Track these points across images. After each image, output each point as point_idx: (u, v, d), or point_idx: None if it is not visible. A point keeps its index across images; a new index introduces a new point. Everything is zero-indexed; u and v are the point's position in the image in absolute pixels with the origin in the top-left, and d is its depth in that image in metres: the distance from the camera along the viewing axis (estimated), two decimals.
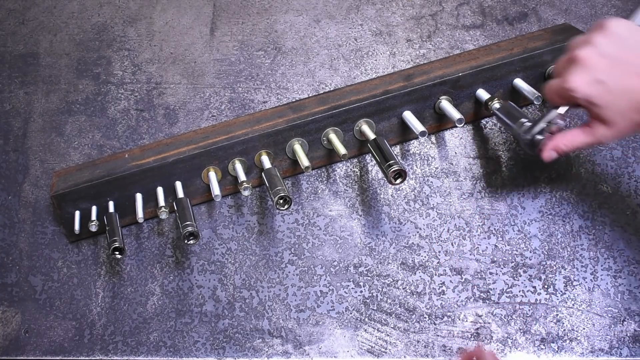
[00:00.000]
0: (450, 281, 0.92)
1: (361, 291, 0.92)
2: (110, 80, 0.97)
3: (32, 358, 0.92)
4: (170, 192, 0.89)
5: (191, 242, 0.83)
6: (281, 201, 0.81)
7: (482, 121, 0.95)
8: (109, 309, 0.93)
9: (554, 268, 0.92)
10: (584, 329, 0.91)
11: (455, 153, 0.94)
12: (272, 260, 0.93)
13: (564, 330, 0.91)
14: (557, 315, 0.91)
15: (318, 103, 0.90)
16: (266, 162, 0.88)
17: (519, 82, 0.90)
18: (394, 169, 0.80)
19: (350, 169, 0.94)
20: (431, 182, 0.93)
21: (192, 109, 0.96)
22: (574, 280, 0.91)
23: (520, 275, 0.92)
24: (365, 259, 0.92)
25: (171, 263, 0.93)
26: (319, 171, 0.94)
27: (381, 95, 0.88)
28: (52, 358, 0.92)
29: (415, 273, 0.92)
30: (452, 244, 0.92)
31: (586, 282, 0.91)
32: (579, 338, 0.90)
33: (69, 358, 0.92)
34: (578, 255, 0.92)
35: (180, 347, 0.92)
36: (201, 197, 0.91)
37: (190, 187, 0.90)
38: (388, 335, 0.91)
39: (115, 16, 0.99)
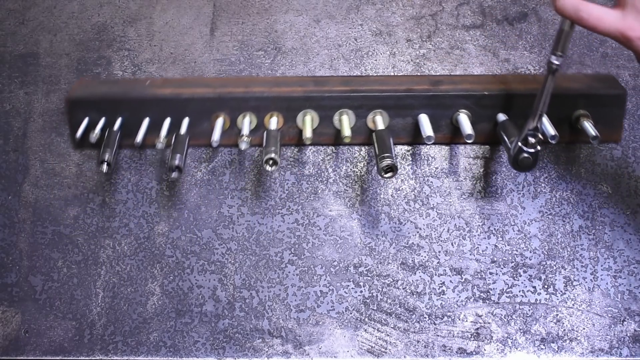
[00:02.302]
0: (450, 281, 0.92)
1: (361, 291, 0.92)
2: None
3: (32, 358, 0.92)
4: (177, 127, 0.90)
5: (174, 175, 0.83)
6: (270, 162, 0.82)
7: None
8: (109, 309, 0.93)
9: (554, 268, 0.92)
10: (584, 329, 0.91)
11: (455, 153, 0.94)
12: (272, 260, 0.93)
13: (564, 330, 0.91)
14: (557, 315, 0.91)
15: (341, 83, 0.92)
16: (273, 125, 0.89)
17: (543, 120, 0.85)
18: (385, 162, 0.81)
19: (350, 169, 0.94)
20: (431, 182, 0.93)
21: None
22: (574, 280, 0.91)
23: (520, 275, 0.92)
24: (365, 259, 0.92)
25: (171, 263, 0.93)
26: (319, 171, 0.94)
27: (403, 92, 0.89)
28: (52, 358, 0.92)
29: (415, 273, 0.92)
30: (452, 244, 0.92)
31: (586, 282, 0.91)
32: (579, 338, 0.90)
33: (69, 358, 0.92)
34: (578, 255, 0.92)
35: (180, 347, 0.92)
36: (204, 140, 0.91)
37: (196, 128, 0.91)
38: (388, 335, 0.91)
39: (115, 16, 0.99)
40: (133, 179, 0.94)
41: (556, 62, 0.77)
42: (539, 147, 0.80)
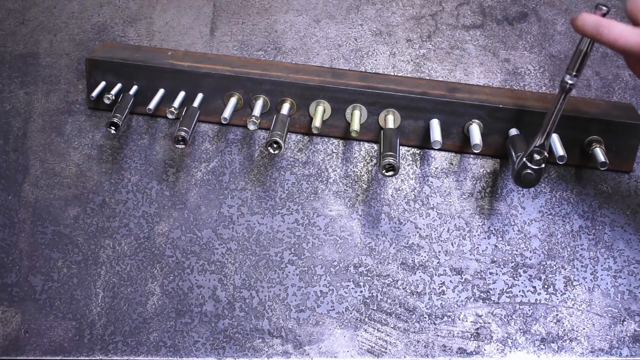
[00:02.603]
0: (450, 281, 0.92)
1: (361, 291, 0.92)
2: None
3: (32, 358, 0.92)
4: (190, 100, 0.91)
5: (180, 146, 0.84)
6: (274, 145, 0.83)
7: None
8: (109, 309, 0.93)
9: (554, 268, 0.92)
10: (584, 329, 0.91)
11: (456, 153, 0.94)
12: (272, 260, 0.93)
13: (564, 330, 0.91)
14: (557, 315, 0.91)
15: (358, 78, 0.92)
16: (285, 110, 0.90)
17: (554, 139, 0.86)
18: (387, 161, 0.81)
19: (350, 169, 0.94)
20: (431, 182, 0.93)
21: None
22: (574, 280, 0.91)
23: (520, 275, 0.92)
24: (365, 259, 0.92)
25: (171, 263, 0.93)
26: (319, 171, 0.94)
27: (418, 94, 0.89)
28: (52, 358, 0.92)
29: (415, 273, 0.92)
30: (452, 244, 0.92)
31: (586, 282, 0.91)
32: (579, 338, 0.90)
33: (69, 358, 0.92)
34: (578, 255, 0.92)
35: (180, 347, 0.92)
36: (215, 117, 0.92)
37: (210, 104, 0.92)
38: (388, 335, 0.91)
39: (115, 16, 0.99)
40: (133, 179, 0.94)
41: (570, 82, 0.77)
42: (542, 165, 0.81)
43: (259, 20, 0.98)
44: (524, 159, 0.81)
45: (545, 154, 0.80)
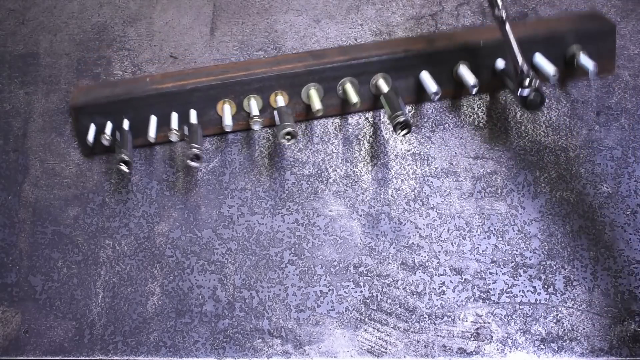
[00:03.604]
0: (450, 281, 0.92)
1: (361, 291, 0.92)
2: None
3: (32, 358, 0.92)
4: (184, 119, 0.91)
5: (194, 164, 0.84)
6: (288, 136, 0.83)
7: (483, 120, 0.95)
8: (109, 309, 0.93)
9: (554, 268, 0.92)
10: (584, 329, 0.91)
11: (455, 153, 0.94)
12: (272, 260, 0.93)
13: (564, 330, 0.91)
14: (557, 315, 0.91)
15: (339, 53, 0.92)
16: (281, 102, 0.90)
17: (538, 59, 0.89)
18: (398, 119, 0.82)
19: (350, 169, 0.94)
20: (431, 182, 0.93)
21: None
22: (574, 280, 0.91)
23: (520, 275, 0.92)
24: (365, 259, 0.92)
25: (171, 263, 0.93)
26: (318, 171, 0.94)
27: (401, 53, 0.90)
28: (52, 358, 0.92)
29: (415, 273, 0.92)
30: (452, 244, 0.92)
31: (586, 282, 0.91)
32: (579, 338, 0.90)
33: (69, 358, 0.92)
34: (578, 255, 0.92)
35: (180, 347, 0.92)
36: (214, 129, 0.92)
37: (204, 117, 0.91)
38: (388, 335, 0.91)
39: (115, 16, 0.99)
40: (133, 179, 0.94)
41: (502, 14, 0.81)
42: (537, 82, 0.82)
43: (259, 20, 0.98)
44: (519, 92, 0.83)
45: (530, 72, 0.82)
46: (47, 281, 0.93)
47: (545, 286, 0.91)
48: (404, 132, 0.83)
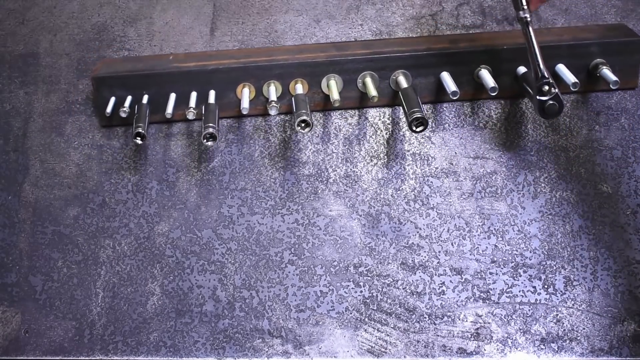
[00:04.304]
0: (450, 281, 0.92)
1: (361, 291, 0.92)
2: None
3: (32, 358, 0.92)
4: (203, 99, 0.91)
5: (210, 143, 0.85)
6: (303, 124, 0.84)
7: (483, 120, 0.95)
8: (109, 309, 0.93)
9: (554, 268, 0.92)
10: (584, 329, 0.91)
11: (455, 153, 0.94)
12: (272, 260, 0.93)
13: (564, 330, 0.91)
14: (557, 315, 0.91)
15: (362, 47, 0.93)
16: (300, 91, 0.90)
17: (562, 69, 0.90)
18: (415, 115, 0.83)
19: (350, 169, 0.94)
20: (431, 182, 0.93)
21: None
22: (574, 280, 0.91)
23: (520, 275, 0.92)
24: (365, 259, 0.92)
25: (171, 263, 0.93)
26: (319, 171, 0.94)
27: (424, 51, 0.91)
28: (52, 358, 0.92)
29: (415, 273, 0.92)
30: (452, 244, 0.92)
31: (586, 282, 0.91)
32: (579, 338, 0.90)
33: (69, 358, 0.92)
34: (578, 255, 0.92)
35: (180, 347, 0.92)
36: (231, 111, 0.93)
37: (223, 99, 0.92)
38: (388, 335, 0.91)
39: (115, 16, 0.99)
40: (133, 179, 0.94)
41: (526, 16, 0.81)
42: (556, 90, 0.82)
43: (259, 20, 0.98)
44: (537, 97, 0.83)
45: (550, 80, 0.82)
46: (47, 281, 0.93)
47: (545, 286, 0.91)
48: (420, 128, 0.84)
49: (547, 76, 0.82)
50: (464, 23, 0.97)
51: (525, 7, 0.80)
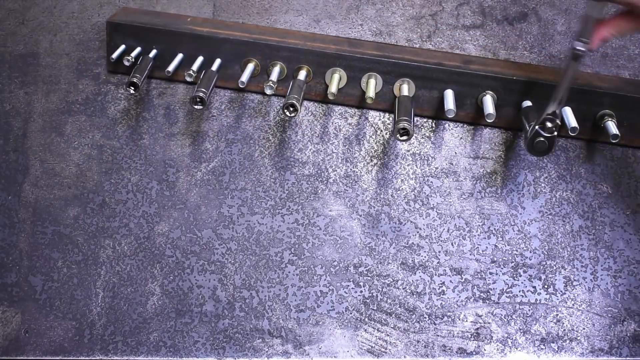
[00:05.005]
0: (450, 281, 0.92)
1: (361, 291, 0.92)
2: (110, 80, 0.97)
3: (32, 358, 0.92)
4: (208, 65, 0.92)
5: (197, 106, 0.86)
6: (290, 108, 0.84)
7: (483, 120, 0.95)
8: (109, 309, 0.93)
9: (554, 268, 0.92)
10: (584, 329, 0.91)
11: (455, 153, 0.94)
12: (272, 260, 0.93)
13: (564, 330, 0.91)
14: (557, 315, 0.91)
15: (374, 47, 0.93)
16: (301, 76, 0.91)
17: (567, 111, 0.87)
18: (402, 125, 0.82)
19: (350, 169, 0.94)
20: (431, 182, 0.93)
21: (192, 108, 0.96)
22: (574, 280, 0.91)
23: (520, 275, 0.92)
24: (365, 259, 0.92)
25: (171, 263, 0.93)
26: (319, 171, 0.94)
27: (434, 65, 0.90)
28: (52, 358, 0.92)
29: (415, 273, 0.92)
30: (452, 244, 0.92)
31: (586, 282, 0.91)
32: (579, 338, 0.90)
33: (69, 358, 0.92)
34: (578, 255, 0.92)
35: (180, 347, 0.92)
36: (232, 83, 0.93)
37: (227, 69, 0.93)
38: (388, 335, 0.91)
39: None
40: (133, 179, 0.94)
41: (581, 49, 0.78)
42: (555, 133, 0.81)
43: (259, 20, 0.98)
44: (537, 127, 0.82)
45: (557, 121, 0.81)
46: (47, 281, 0.93)
47: (545, 286, 0.91)
48: (404, 138, 0.83)
49: (557, 115, 0.81)
50: (464, 23, 0.97)
51: (587, 41, 0.77)
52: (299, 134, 0.94)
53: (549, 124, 0.81)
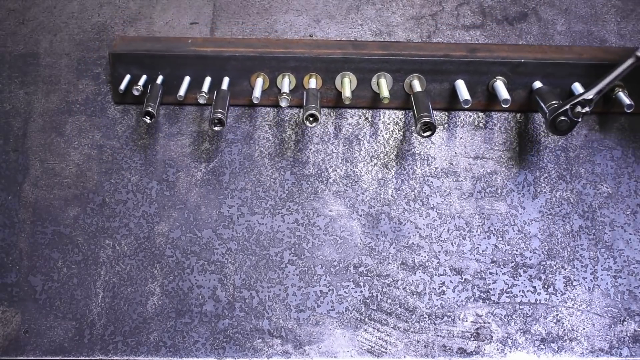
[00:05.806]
0: (450, 281, 0.92)
1: (361, 291, 0.92)
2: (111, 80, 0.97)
3: (32, 358, 0.92)
4: (216, 86, 0.92)
5: (217, 128, 0.86)
6: (311, 118, 0.84)
7: (483, 120, 0.95)
8: (109, 309, 0.93)
9: (554, 268, 0.92)
10: (584, 329, 0.91)
11: (455, 153, 0.94)
12: (272, 260, 0.93)
13: (564, 330, 0.91)
14: (557, 315, 0.91)
15: (379, 47, 0.93)
16: (313, 85, 0.91)
17: (577, 87, 0.89)
18: (424, 120, 0.83)
19: (350, 169, 0.94)
20: (431, 182, 0.93)
21: (192, 109, 0.96)
22: (574, 280, 0.91)
23: (520, 275, 0.92)
24: (365, 259, 0.92)
25: (171, 263, 0.93)
26: (319, 171, 0.94)
27: (441, 57, 0.91)
28: (52, 358, 0.92)
29: (415, 273, 0.92)
30: (452, 244, 0.92)
31: (586, 282, 0.91)
32: (579, 338, 0.90)
33: (69, 358, 0.92)
34: (578, 255, 0.92)
35: (180, 347, 0.92)
36: (243, 99, 0.94)
37: (236, 87, 0.93)
38: (388, 335, 0.91)
39: (115, 16, 0.99)
40: (133, 179, 0.94)
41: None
42: (580, 119, 0.83)
43: (259, 20, 0.98)
44: (567, 106, 0.82)
45: (588, 109, 0.82)
46: (47, 281, 0.93)
47: (545, 286, 0.91)
48: (428, 133, 0.84)
49: (591, 103, 0.82)
50: (464, 23, 0.97)
51: None
52: (299, 134, 0.94)
53: (579, 108, 0.82)
